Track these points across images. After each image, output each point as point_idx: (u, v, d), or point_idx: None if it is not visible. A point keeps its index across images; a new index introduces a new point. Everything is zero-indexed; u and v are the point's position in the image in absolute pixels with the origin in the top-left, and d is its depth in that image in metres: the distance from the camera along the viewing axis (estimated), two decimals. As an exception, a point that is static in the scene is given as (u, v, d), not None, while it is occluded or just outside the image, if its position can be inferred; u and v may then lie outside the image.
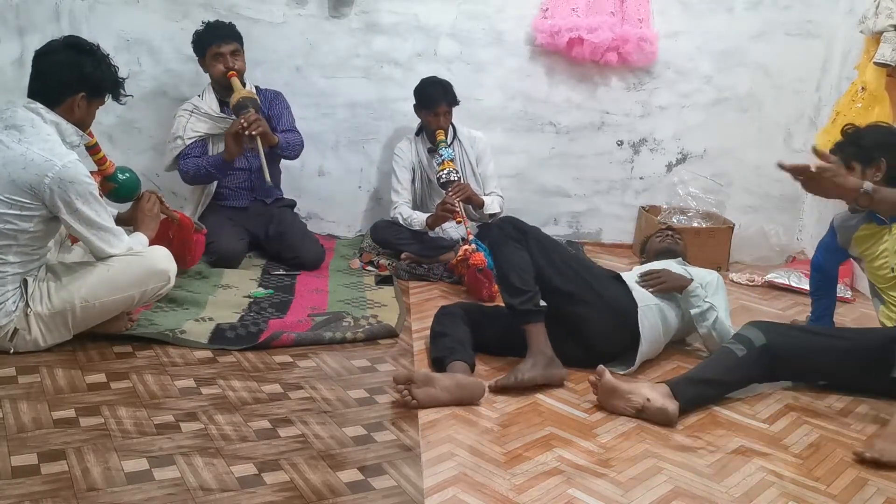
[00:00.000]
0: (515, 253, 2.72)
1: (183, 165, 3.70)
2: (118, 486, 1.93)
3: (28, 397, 2.33)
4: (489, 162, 3.98)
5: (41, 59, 2.60)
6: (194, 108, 3.72)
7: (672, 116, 4.44)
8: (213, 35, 3.64)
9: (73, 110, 2.60)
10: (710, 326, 2.86)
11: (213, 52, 3.63)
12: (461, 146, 3.95)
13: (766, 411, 2.64)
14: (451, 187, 3.68)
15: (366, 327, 3.01)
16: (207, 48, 3.64)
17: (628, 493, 2.09)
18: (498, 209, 3.88)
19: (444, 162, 3.73)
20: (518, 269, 2.69)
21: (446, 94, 3.81)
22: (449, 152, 3.76)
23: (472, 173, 3.95)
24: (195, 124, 3.70)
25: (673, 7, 4.28)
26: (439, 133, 3.79)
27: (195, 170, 3.67)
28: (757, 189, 4.56)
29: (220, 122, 3.72)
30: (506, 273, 2.71)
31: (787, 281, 3.99)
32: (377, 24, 4.10)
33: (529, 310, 2.66)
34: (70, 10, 3.73)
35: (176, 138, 3.70)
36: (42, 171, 2.45)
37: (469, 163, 3.95)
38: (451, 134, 3.92)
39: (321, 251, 3.79)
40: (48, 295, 2.59)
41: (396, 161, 3.95)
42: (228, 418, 2.31)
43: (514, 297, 2.67)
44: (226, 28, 3.67)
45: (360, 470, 2.09)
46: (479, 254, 3.38)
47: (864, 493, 2.18)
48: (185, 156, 3.69)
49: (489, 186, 3.96)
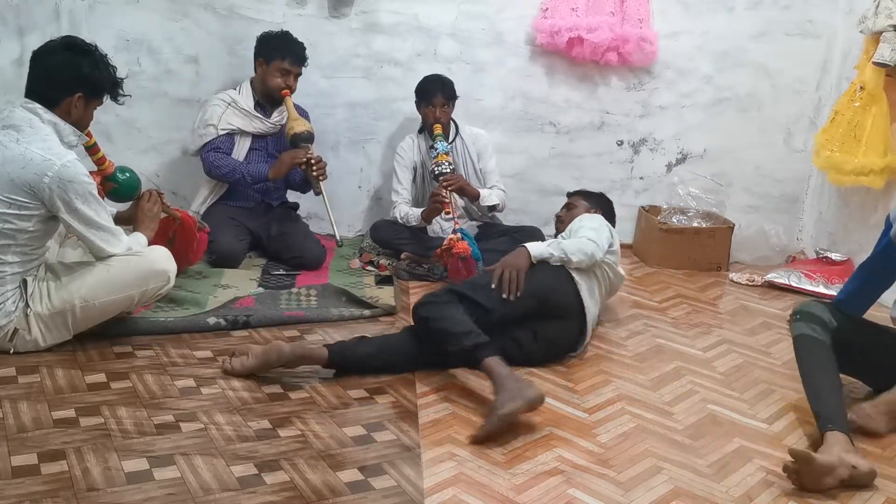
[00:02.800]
0: (446, 309, 2.64)
1: (214, 159, 3.67)
2: (118, 486, 1.93)
3: (28, 397, 2.33)
4: (490, 158, 3.98)
5: (39, 59, 2.60)
6: (232, 101, 3.72)
7: (672, 116, 4.43)
8: (290, 52, 3.68)
9: (70, 111, 2.60)
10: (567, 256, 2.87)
11: (280, 67, 3.67)
12: (463, 143, 3.95)
13: (766, 411, 2.64)
14: (443, 178, 3.69)
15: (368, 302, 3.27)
16: (278, 60, 3.66)
17: (628, 493, 2.09)
18: (497, 201, 3.87)
19: (439, 155, 3.73)
20: (451, 321, 2.59)
21: (444, 87, 3.82)
22: (444, 146, 3.75)
23: (474, 170, 3.95)
24: (230, 117, 3.71)
25: (673, 7, 4.28)
26: (436, 127, 3.78)
27: (230, 171, 3.67)
28: (757, 189, 4.56)
29: (255, 121, 3.74)
30: (443, 328, 2.59)
31: (787, 281, 3.99)
32: (377, 24, 4.10)
33: (478, 343, 2.51)
34: (70, 10, 3.72)
35: (209, 126, 3.69)
36: (41, 170, 2.45)
37: (471, 159, 3.95)
38: (452, 131, 3.92)
39: (322, 252, 3.79)
40: (48, 295, 2.59)
41: (397, 160, 3.96)
42: (228, 418, 2.31)
43: (460, 340, 2.53)
44: (301, 51, 3.72)
45: (360, 470, 2.09)
46: (463, 242, 3.37)
47: (863, 492, 2.18)
48: (214, 148, 3.68)
49: (490, 181, 3.95)
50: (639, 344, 3.16)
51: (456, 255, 3.39)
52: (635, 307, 3.59)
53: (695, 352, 3.12)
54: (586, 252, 2.91)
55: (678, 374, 2.89)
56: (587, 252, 2.91)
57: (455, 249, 3.37)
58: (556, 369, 2.84)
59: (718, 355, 3.10)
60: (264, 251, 3.85)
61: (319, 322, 3.11)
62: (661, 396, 2.69)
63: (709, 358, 3.07)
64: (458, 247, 3.37)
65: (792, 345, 2.59)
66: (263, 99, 3.77)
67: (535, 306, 2.80)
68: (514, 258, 2.86)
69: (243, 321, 3.00)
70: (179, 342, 2.83)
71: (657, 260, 4.23)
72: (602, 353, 3.03)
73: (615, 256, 3.13)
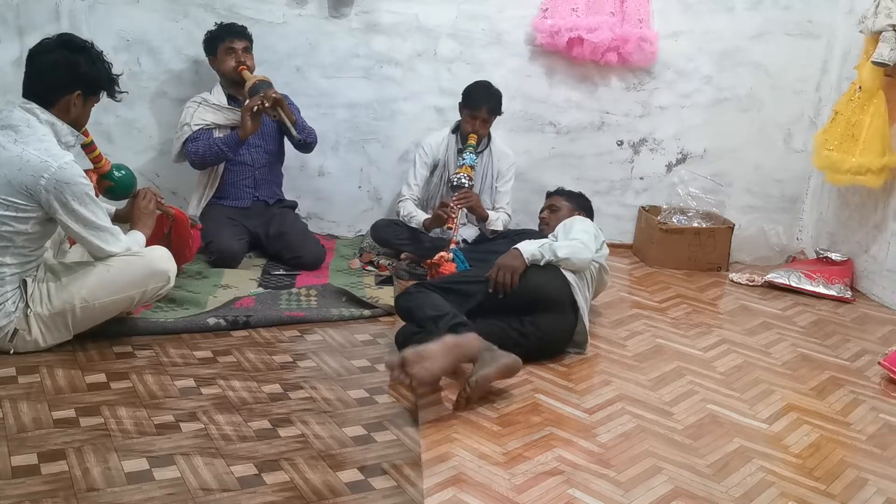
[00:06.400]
0: (426, 297, 2.76)
1: (192, 147, 3.69)
2: (118, 486, 1.93)
3: (28, 397, 2.33)
4: (508, 181, 3.97)
5: (35, 58, 2.59)
6: (203, 100, 3.76)
7: (672, 116, 4.44)
8: (227, 31, 3.72)
9: (68, 109, 2.59)
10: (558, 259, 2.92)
11: (225, 48, 3.70)
12: (491, 156, 3.92)
13: (766, 411, 2.64)
14: (459, 192, 3.66)
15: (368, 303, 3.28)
16: (220, 44, 3.71)
17: (628, 493, 2.09)
18: (501, 228, 3.87)
19: (464, 167, 3.69)
20: (430, 306, 2.71)
21: (490, 100, 3.76)
22: (472, 158, 3.72)
23: (491, 185, 3.94)
24: (203, 114, 3.73)
25: (673, 7, 4.28)
26: (472, 137, 3.75)
27: (206, 148, 3.68)
28: (757, 189, 4.56)
29: (228, 114, 3.76)
30: (422, 314, 2.70)
31: (787, 281, 3.99)
32: (377, 24, 4.10)
33: (455, 324, 2.61)
34: (70, 10, 3.73)
35: (183, 126, 3.71)
36: (38, 172, 2.45)
37: (491, 175, 3.93)
38: (484, 143, 3.89)
39: (322, 251, 3.79)
40: (48, 295, 2.59)
41: (420, 154, 3.92)
42: (228, 418, 2.31)
43: (437, 323, 2.63)
44: (238, 27, 3.76)
45: (360, 470, 2.09)
46: (451, 265, 3.34)
47: (863, 493, 2.19)
48: (193, 139, 3.70)
49: (500, 202, 3.95)
50: (639, 344, 3.16)
51: (440, 275, 3.34)
52: (635, 307, 3.59)
53: (695, 352, 3.12)
54: (581, 258, 2.96)
55: (678, 374, 2.89)
56: (582, 258, 2.97)
57: (442, 268, 3.34)
58: (556, 369, 2.84)
59: (718, 355, 3.10)
60: (263, 251, 3.85)
61: (319, 322, 3.11)
62: (661, 396, 2.70)
63: (709, 358, 3.07)
64: (445, 267, 3.34)
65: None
66: (233, 89, 3.79)
67: (525, 301, 2.84)
68: (508, 260, 2.90)
69: (243, 321, 3.00)
70: (179, 342, 2.83)
71: (657, 260, 4.23)
72: (602, 353, 3.03)
73: (603, 257, 3.20)
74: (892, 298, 3.86)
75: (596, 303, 3.45)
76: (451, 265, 3.33)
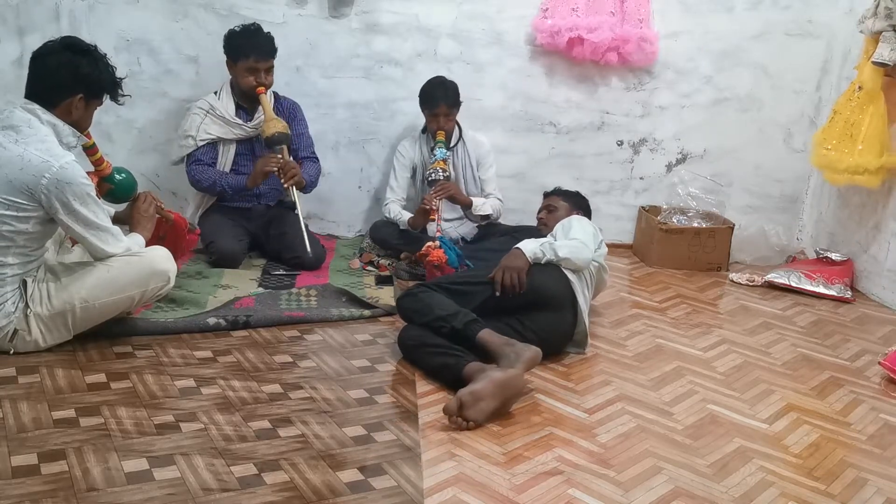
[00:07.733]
0: (430, 297, 2.78)
1: (195, 172, 3.66)
2: (118, 486, 1.93)
3: (28, 397, 2.33)
4: (489, 167, 3.99)
5: (38, 60, 2.59)
6: (210, 108, 3.67)
7: (672, 116, 4.43)
8: (253, 48, 3.56)
9: (70, 111, 2.59)
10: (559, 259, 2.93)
11: (247, 65, 3.58)
12: (465, 148, 3.96)
13: (766, 411, 2.64)
14: (436, 185, 3.69)
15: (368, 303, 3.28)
16: (243, 59, 3.58)
17: (628, 493, 2.09)
18: (490, 211, 3.88)
19: (436, 162, 3.75)
20: (439, 306, 2.73)
21: (447, 95, 3.81)
22: (442, 152, 3.77)
23: (473, 176, 3.96)
24: (209, 126, 3.67)
25: (673, 7, 4.27)
26: (439, 133, 3.81)
27: (209, 184, 3.66)
28: (757, 189, 4.56)
29: (235, 128, 3.70)
30: (431, 314, 2.72)
31: (787, 281, 3.99)
32: (377, 24, 4.10)
33: (468, 321, 2.65)
34: (70, 10, 3.73)
35: (187, 136, 3.67)
36: (39, 172, 2.45)
37: (470, 165, 3.96)
38: (456, 135, 3.93)
39: (322, 251, 3.79)
40: (48, 296, 2.59)
41: (397, 158, 3.98)
42: (228, 418, 2.31)
43: (450, 321, 2.67)
44: (266, 43, 3.61)
45: (360, 470, 2.09)
46: (439, 251, 3.36)
47: (864, 493, 2.19)
48: (196, 160, 3.66)
49: (487, 189, 3.97)
50: (639, 344, 3.16)
51: (430, 263, 3.37)
52: (635, 307, 3.59)
53: (695, 352, 3.12)
54: (581, 257, 2.97)
55: (678, 374, 2.89)
56: (583, 257, 2.97)
57: (430, 257, 3.35)
58: (556, 369, 2.84)
59: (718, 355, 3.10)
60: (264, 251, 3.85)
61: (319, 322, 3.11)
62: (661, 396, 2.70)
63: (709, 358, 3.07)
64: (433, 255, 3.34)
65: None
66: (243, 99, 3.71)
67: (527, 301, 2.84)
68: (512, 260, 2.89)
69: (243, 321, 3.00)
70: (179, 342, 2.83)
71: (657, 260, 4.23)
72: (602, 353, 3.03)
73: (602, 257, 3.20)
74: (892, 298, 3.86)
75: (596, 303, 3.46)
76: (439, 251, 3.35)
